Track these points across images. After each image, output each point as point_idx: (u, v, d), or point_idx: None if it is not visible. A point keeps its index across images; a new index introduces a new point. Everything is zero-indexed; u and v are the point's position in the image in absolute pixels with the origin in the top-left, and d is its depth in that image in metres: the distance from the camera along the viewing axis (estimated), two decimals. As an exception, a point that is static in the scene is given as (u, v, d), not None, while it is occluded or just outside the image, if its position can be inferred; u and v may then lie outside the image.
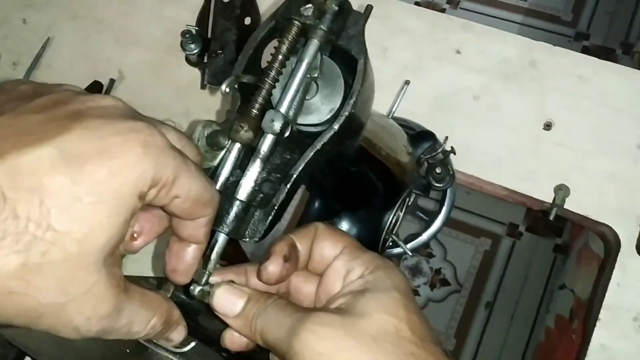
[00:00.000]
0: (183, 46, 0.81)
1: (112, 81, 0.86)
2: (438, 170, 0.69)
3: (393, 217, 0.64)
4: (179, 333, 0.36)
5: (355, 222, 0.61)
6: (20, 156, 0.27)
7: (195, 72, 0.84)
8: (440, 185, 0.71)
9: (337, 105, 0.39)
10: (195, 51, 0.82)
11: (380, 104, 0.74)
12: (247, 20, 0.85)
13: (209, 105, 0.83)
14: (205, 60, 0.83)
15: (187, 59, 0.84)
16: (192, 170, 0.32)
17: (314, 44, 0.37)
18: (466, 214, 1.58)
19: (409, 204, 0.69)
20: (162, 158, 0.30)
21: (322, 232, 0.40)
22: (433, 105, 0.77)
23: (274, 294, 0.39)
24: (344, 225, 0.60)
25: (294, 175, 0.38)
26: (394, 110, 0.69)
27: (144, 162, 0.29)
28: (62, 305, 0.28)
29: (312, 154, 0.38)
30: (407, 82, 0.70)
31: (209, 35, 0.84)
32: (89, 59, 0.88)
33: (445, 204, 0.73)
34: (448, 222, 0.75)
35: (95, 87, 0.85)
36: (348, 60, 0.40)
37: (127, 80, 0.87)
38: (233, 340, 0.38)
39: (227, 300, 0.37)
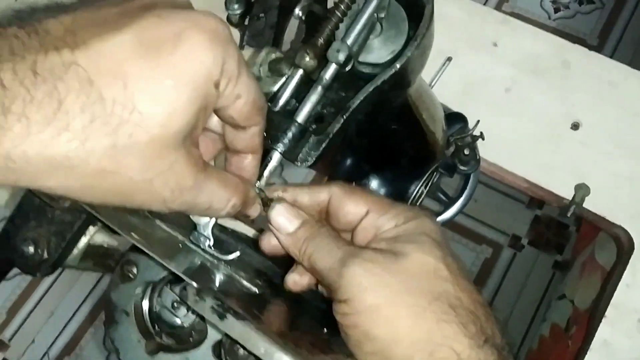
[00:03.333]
0: (227, 5, 0.82)
1: (152, 32, 0.87)
2: (466, 152, 0.71)
3: (418, 190, 0.65)
4: (255, 209, 0.38)
5: (383, 185, 0.62)
6: (102, 43, 0.28)
7: (235, 33, 0.86)
8: (466, 168, 0.72)
9: (399, 47, 0.41)
10: (238, 12, 0.83)
11: (414, 83, 0.75)
12: (292, -10, 0.86)
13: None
14: (247, 22, 0.85)
15: (229, 19, 0.85)
16: (249, 71, 0.34)
17: (386, -17, 0.38)
18: (471, 220, 1.59)
19: (434, 182, 0.71)
20: (229, 49, 0.31)
21: (341, 195, 0.41)
22: (464, 91, 0.79)
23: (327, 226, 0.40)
24: (372, 185, 0.61)
25: (352, 108, 0.39)
26: (432, 84, 0.70)
27: (215, 49, 0.30)
28: (150, 180, 0.29)
29: (371, 89, 0.39)
30: (449, 59, 0.72)
31: (253, -1, 0.86)
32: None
33: (467, 188, 0.75)
34: (466, 206, 0.76)
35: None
36: (410, 8, 0.41)
37: (166, 34, 0.88)
38: (295, 281, 0.40)
39: (285, 217, 0.38)
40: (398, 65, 0.39)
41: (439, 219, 0.74)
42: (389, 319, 0.34)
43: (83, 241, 0.36)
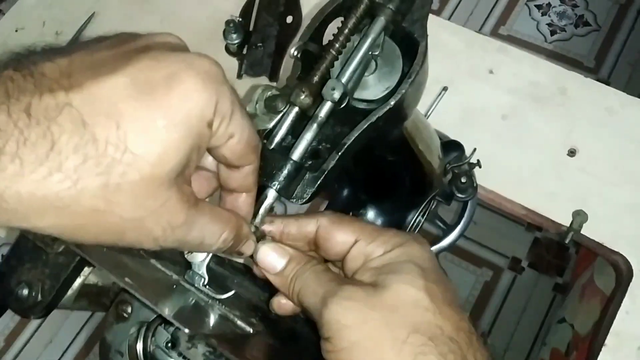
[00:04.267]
0: (225, 35, 0.84)
1: (151, 60, 0.88)
2: (463, 180, 0.71)
3: (416, 219, 0.65)
4: (248, 247, 0.38)
5: (380, 215, 0.62)
6: (97, 85, 0.29)
7: (233, 62, 0.86)
8: (463, 196, 0.72)
9: (394, 84, 0.41)
10: (237, 41, 0.84)
11: (411, 111, 0.76)
12: (289, 19, 0.87)
13: (243, 96, 0.85)
14: (245, 51, 0.85)
15: (227, 48, 0.86)
16: (243, 110, 0.34)
17: (380, 22, 0.39)
18: (471, 243, 1.59)
19: (431, 209, 0.71)
20: (223, 89, 0.32)
21: (329, 225, 0.41)
22: (462, 118, 0.79)
23: (316, 257, 0.40)
24: (369, 218, 0.62)
25: (347, 144, 0.39)
26: (429, 114, 0.71)
27: (208, 89, 0.31)
28: (142, 219, 0.29)
29: (366, 125, 0.39)
30: (444, 89, 0.72)
31: (251, 28, 0.87)
32: (130, 37, 0.90)
33: (465, 215, 0.75)
34: (463, 233, 0.76)
35: (134, 64, 0.87)
36: (405, 45, 0.42)
37: (165, 62, 0.89)
38: (280, 305, 0.40)
39: (271, 258, 0.39)
40: (392, 103, 0.39)
41: (437, 246, 0.74)
42: (369, 354, 0.34)
43: (78, 282, 0.36)
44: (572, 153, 0.77)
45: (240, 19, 0.86)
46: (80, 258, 0.35)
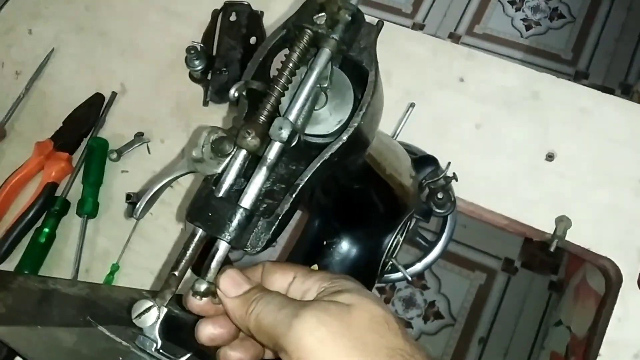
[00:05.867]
0: (187, 62, 0.81)
1: (114, 94, 0.85)
2: (440, 195, 0.69)
3: (394, 240, 0.63)
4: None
5: (355, 242, 0.60)
6: None
7: (198, 89, 0.84)
8: (442, 211, 0.70)
9: (346, 116, 0.39)
10: (200, 68, 0.81)
11: (383, 128, 0.74)
12: (253, 40, 0.85)
13: (210, 122, 0.82)
14: (209, 77, 0.83)
15: (191, 75, 0.84)
16: None
17: (325, 53, 0.37)
18: (462, 247, 1.57)
19: (409, 228, 0.69)
20: None
21: (270, 268, 0.40)
22: (434, 131, 0.77)
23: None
24: (344, 246, 0.59)
25: (300, 185, 0.37)
26: (398, 132, 0.69)
27: None
28: None
29: (319, 164, 0.37)
30: (412, 105, 0.70)
31: (214, 53, 0.84)
32: (92, 71, 0.88)
33: (446, 230, 0.73)
34: (446, 248, 0.74)
35: (97, 99, 0.84)
36: (357, 73, 0.40)
37: (129, 93, 0.86)
38: (211, 334, 0.37)
39: (235, 281, 0.37)
40: (345, 137, 0.37)
41: (421, 264, 0.71)
42: None
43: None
44: (550, 157, 0.75)
45: (202, 45, 0.84)
46: (8, 348, 0.32)
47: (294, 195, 0.37)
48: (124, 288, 0.49)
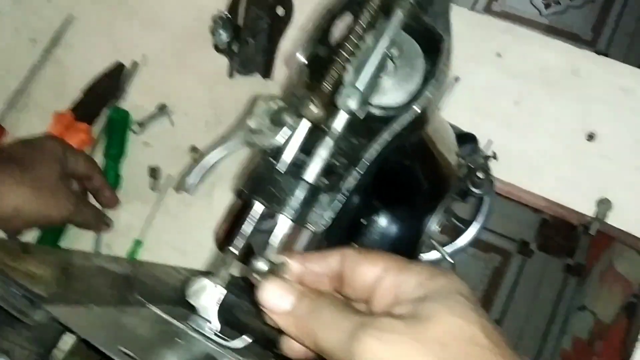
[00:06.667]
0: (213, 32, 0.78)
1: (135, 64, 0.82)
2: (479, 174, 0.66)
3: (435, 220, 0.60)
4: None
5: (395, 222, 0.57)
6: None
7: (222, 60, 0.81)
8: (479, 191, 0.67)
9: (416, 86, 0.36)
10: (225, 38, 0.78)
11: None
12: (280, 10, 0.82)
13: (236, 95, 0.79)
14: (235, 48, 0.80)
15: (216, 46, 0.80)
16: None
17: (398, 16, 0.34)
18: (477, 228, 1.55)
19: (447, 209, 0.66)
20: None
21: (354, 257, 0.35)
22: (472, 108, 0.74)
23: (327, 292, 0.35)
24: (384, 225, 0.57)
25: (369, 160, 0.34)
26: (442, 108, 0.66)
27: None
28: None
29: (390, 137, 0.34)
30: (456, 79, 0.67)
31: (240, 23, 0.81)
32: (112, 41, 0.84)
33: (483, 210, 0.70)
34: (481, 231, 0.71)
35: (117, 69, 0.81)
36: (424, 41, 0.37)
37: (150, 65, 0.83)
38: (292, 348, 0.34)
39: (277, 295, 0.33)
40: (419, 109, 0.34)
41: (455, 245, 0.69)
42: None
43: (69, 342, 0.31)
44: (590, 137, 0.72)
45: (228, 14, 0.80)
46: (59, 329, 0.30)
47: (361, 171, 0.34)
48: (164, 265, 0.46)
